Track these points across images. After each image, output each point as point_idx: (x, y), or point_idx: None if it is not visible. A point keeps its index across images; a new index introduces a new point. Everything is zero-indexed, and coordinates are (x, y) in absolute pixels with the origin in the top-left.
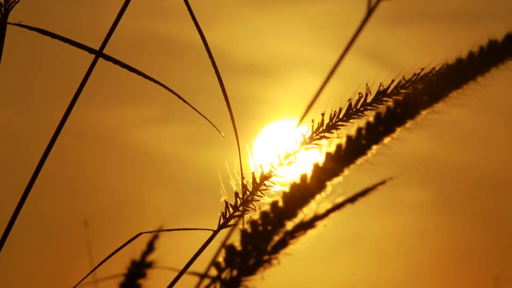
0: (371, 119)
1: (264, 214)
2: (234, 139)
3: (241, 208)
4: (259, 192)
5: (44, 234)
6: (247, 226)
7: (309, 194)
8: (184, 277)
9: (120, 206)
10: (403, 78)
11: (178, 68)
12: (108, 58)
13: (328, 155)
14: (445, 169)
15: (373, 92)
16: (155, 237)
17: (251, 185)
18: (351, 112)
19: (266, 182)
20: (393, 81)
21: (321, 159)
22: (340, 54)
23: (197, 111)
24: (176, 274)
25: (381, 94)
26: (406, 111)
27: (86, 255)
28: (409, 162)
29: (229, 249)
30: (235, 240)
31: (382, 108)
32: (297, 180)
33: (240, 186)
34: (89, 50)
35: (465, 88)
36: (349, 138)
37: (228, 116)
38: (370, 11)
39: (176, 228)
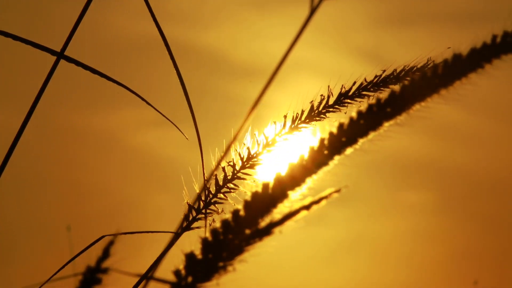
0: (334, 130)
1: (225, 223)
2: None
3: (204, 211)
4: (221, 195)
5: (44, 234)
6: (208, 235)
7: (271, 203)
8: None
9: (121, 208)
10: (365, 80)
11: (182, 70)
12: (70, 60)
13: (291, 165)
14: (445, 170)
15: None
16: (111, 243)
17: (214, 188)
18: (313, 115)
19: (229, 185)
20: (354, 83)
21: (283, 169)
22: (284, 53)
23: (162, 114)
24: (133, 279)
25: (343, 96)
26: (369, 122)
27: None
28: (409, 164)
29: (189, 257)
30: (196, 248)
31: (347, 115)
32: (259, 189)
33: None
34: (51, 51)
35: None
36: (311, 148)
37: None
38: (312, 11)
39: (140, 231)
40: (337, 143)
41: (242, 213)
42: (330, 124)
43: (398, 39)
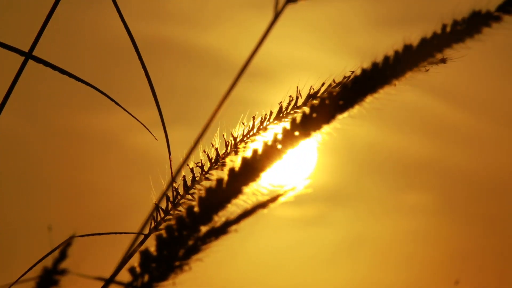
0: (287, 125)
1: (179, 219)
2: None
3: (172, 212)
4: (189, 196)
5: (42, 236)
6: (163, 232)
7: (224, 199)
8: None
9: (120, 208)
10: (333, 81)
11: (184, 71)
12: (38, 60)
13: (245, 159)
14: (446, 171)
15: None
16: (68, 245)
17: (182, 189)
18: (281, 116)
19: (197, 186)
20: (323, 84)
21: (237, 165)
22: (248, 57)
23: (132, 115)
24: (92, 281)
25: (311, 97)
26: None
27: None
28: (410, 165)
29: (144, 254)
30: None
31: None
32: (213, 185)
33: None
34: (19, 52)
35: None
36: (265, 143)
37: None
38: (277, 15)
39: (110, 232)
40: (291, 138)
41: (196, 209)
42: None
43: (397, 40)
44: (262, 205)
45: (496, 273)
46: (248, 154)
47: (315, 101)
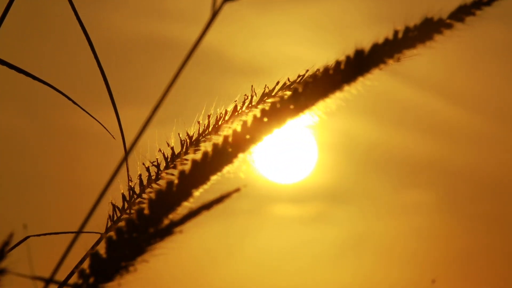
0: (238, 127)
1: (129, 221)
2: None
3: (128, 211)
4: (145, 195)
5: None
6: (112, 233)
7: (174, 201)
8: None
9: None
10: (288, 79)
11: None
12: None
13: (195, 162)
14: (448, 170)
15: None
16: (6, 244)
17: (139, 188)
18: (237, 114)
19: (153, 185)
20: (277, 83)
21: (187, 167)
22: (184, 58)
23: (89, 114)
24: (30, 281)
25: (266, 96)
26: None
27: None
28: (413, 164)
29: (94, 256)
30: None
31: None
32: (163, 187)
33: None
34: None
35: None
36: (215, 145)
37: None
38: (214, 14)
39: (65, 231)
40: (242, 140)
41: (146, 211)
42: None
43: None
44: (206, 206)
45: (498, 271)
46: (198, 156)
47: (269, 101)
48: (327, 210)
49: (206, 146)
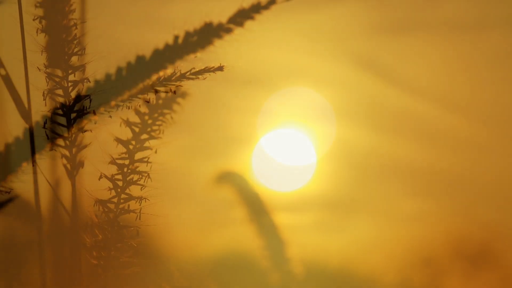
0: None
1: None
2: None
3: None
4: None
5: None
6: None
7: None
8: None
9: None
10: None
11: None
12: None
13: None
14: (446, 178)
15: None
16: None
17: None
18: None
19: None
20: None
21: None
22: None
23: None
24: None
25: None
26: None
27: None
28: (411, 172)
29: None
30: None
31: None
32: None
33: None
34: None
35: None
36: None
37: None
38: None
39: None
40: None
41: None
42: None
43: (396, 46)
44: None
45: (497, 276)
46: None
47: None
48: (325, 218)
49: None
